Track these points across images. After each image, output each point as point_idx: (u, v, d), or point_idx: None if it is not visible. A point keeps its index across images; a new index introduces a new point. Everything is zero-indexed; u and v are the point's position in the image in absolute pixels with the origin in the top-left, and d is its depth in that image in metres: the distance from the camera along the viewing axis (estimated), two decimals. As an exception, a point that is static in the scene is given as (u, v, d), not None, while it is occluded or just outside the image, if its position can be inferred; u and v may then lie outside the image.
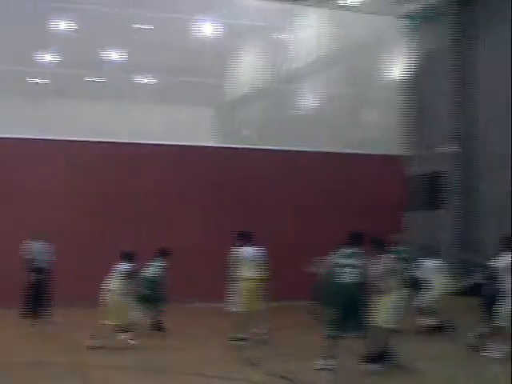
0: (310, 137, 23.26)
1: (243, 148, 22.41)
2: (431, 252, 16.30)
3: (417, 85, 24.08)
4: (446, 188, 26.39)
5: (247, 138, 22.98)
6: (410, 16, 26.33)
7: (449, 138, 26.09)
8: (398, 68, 25.32)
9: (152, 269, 15.55)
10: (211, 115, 24.12)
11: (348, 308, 11.18)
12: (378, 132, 24.71)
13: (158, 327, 15.22)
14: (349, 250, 11.50)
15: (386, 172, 23.39)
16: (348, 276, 11.23)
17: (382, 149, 23.74)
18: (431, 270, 15.56)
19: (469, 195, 25.61)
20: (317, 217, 22.00)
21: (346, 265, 11.33)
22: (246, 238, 14.09)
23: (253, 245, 13.99)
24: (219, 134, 23.85)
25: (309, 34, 23.87)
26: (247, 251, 13.89)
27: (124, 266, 13.78)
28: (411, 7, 26.34)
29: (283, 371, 11.17)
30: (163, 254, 15.72)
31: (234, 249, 13.89)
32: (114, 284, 13.65)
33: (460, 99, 25.98)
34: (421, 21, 25.20)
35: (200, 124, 23.01)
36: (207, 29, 23.14)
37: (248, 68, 24.41)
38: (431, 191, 27.78)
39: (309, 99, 25.11)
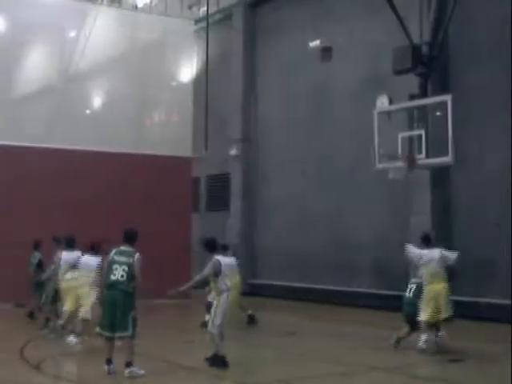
0: (97, 137, 23.07)
1: (29, 146, 21.83)
2: (226, 251, 16.70)
3: (206, 87, 24.62)
4: (231, 189, 27.29)
5: (34, 136, 22.39)
6: (201, 19, 26.88)
7: (234, 140, 26.94)
8: (187, 70, 25.70)
9: None
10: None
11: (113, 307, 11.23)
12: (166, 133, 25.01)
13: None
14: (123, 248, 11.71)
15: (173, 173, 23.69)
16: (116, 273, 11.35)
17: (169, 150, 23.99)
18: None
19: (251, 197, 26.62)
20: (108, 217, 21.85)
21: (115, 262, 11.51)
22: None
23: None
24: (4, 132, 23.05)
25: (99, 33, 23.65)
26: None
27: None
28: (202, 10, 26.93)
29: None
30: None
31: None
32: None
33: (246, 103, 26.94)
34: (212, 24, 25.78)
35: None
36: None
37: (36, 65, 23.81)
38: (216, 193, 28.62)
39: (97, 99, 24.92)
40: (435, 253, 13.64)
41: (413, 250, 14.02)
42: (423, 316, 13.31)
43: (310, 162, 24.02)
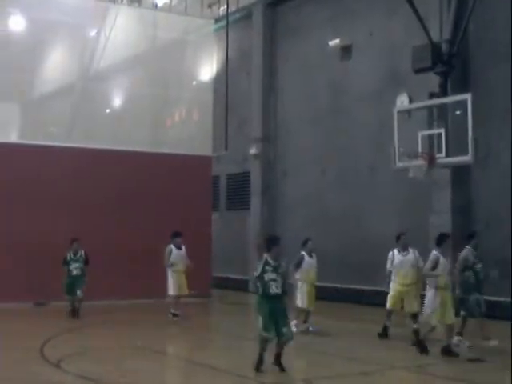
0: (119, 136, 23.19)
1: (51, 145, 21.95)
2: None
3: (226, 86, 24.64)
4: (251, 188, 27.32)
5: (55, 136, 22.57)
6: (221, 18, 26.88)
7: (254, 139, 26.96)
8: (207, 69, 25.77)
9: None
10: (19, 111, 23.47)
11: None
12: (186, 132, 25.07)
13: None
14: None
15: (193, 172, 23.76)
16: None
17: (189, 149, 24.07)
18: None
19: (270, 196, 26.64)
20: (127, 216, 21.99)
21: None
22: None
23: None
24: (24, 130, 23.24)
25: (120, 32, 23.77)
26: None
27: None
28: (222, 9, 26.96)
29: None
30: None
31: None
32: None
33: (266, 102, 26.95)
34: (231, 22, 25.79)
35: (7, 120, 22.40)
36: (14, 22, 22.44)
37: (56, 64, 24.00)
38: (236, 191, 28.65)
39: (118, 98, 25.03)
40: (410, 256, 14.70)
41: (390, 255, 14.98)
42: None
43: (330, 161, 23.99)
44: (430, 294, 12.97)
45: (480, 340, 13.76)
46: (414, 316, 14.45)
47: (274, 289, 11.35)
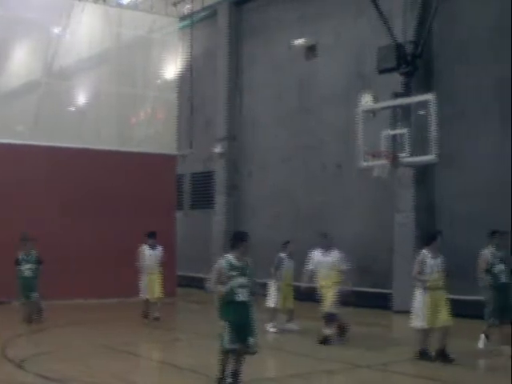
0: (83, 134, 23.05)
1: (15, 144, 21.73)
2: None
3: (191, 85, 24.62)
4: (215, 187, 27.32)
5: (19, 134, 22.34)
6: (186, 16, 26.82)
7: (219, 138, 26.95)
8: (173, 68, 25.69)
9: None
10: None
11: None
12: (151, 131, 25.00)
13: None
14: None
15: (157, 171, 23.70)
16: None
17: (153, 148, 24.01)
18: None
19: (235, 195, 26.66)
20: (91, 215, 21.87)
21: None
22: None
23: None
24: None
25: (85, 30, 23.59)
26: None
27: None
28: (188, 8, 26.88)
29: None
30: None
31: None
32: None
33: (232, 101, 26.95)
34: (197, 21, 25.78)
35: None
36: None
37: (20, 61, 23.75)
38: (201, 190, 28.64)
39: (82, 96, 24.85)
40: (330, 256, 14.54)
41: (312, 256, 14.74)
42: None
43: (295, 160, 24.07)
44: (417, 294, 12.50)
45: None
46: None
47: (241, 296, 9.93)
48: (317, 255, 14.75)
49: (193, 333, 16.53)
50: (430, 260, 12.47)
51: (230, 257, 10.10)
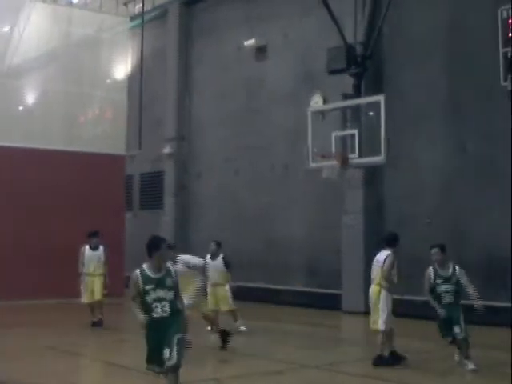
0: (31, 133, 22.75)
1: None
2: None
3: (140, 85, 24.46)
4: (164, 188, 27.18)
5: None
6: (136, 16, 26.69)
7: (168, 138, 26.83)
8: (122, 67, 25.51)
9: None
10: None
11: None
12: (99, 131, 24.78)
13: None
14: None
15: (106, 171, 23.50)
16: None
17: (102, 148, 23.80)
18: None
19: (184, 195, 26.56)
20: (38, 215, 21.58)
21: None
22: None
23: None
24: None
25: (34, 28, 23.31)
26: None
27: None
28: (138, 7, 26.74)
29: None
30: None
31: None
32: None
33: (181, 102, 26.84)
34: (147, 21, 25.63)
35: None
36: None
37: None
38: (150, 191, 28.46)
39: (31, 95, 24.53)
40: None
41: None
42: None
43: (244, 160, 24.06)
44: (382, 296, 12.01)
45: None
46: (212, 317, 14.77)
47: (160, 311, 8.60)
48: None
49: (139, 333, 16.28)
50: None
51: (145, 268, 8.69)
